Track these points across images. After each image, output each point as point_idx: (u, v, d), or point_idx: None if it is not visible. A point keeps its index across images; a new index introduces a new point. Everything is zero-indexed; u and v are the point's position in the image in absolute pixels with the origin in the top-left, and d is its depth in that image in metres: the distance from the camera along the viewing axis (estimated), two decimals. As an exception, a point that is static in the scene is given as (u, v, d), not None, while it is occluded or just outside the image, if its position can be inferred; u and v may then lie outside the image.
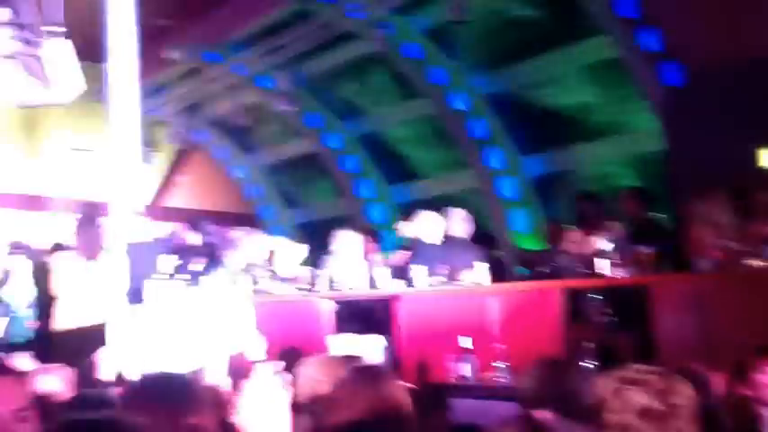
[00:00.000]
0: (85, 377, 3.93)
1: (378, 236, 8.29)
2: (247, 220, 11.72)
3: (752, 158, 7.40)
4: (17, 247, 7.21)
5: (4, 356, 5.33)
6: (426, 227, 6.52)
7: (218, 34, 11.71)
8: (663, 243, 5.10)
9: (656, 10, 8.62)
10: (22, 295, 6.88)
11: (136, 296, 6.73)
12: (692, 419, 2.04)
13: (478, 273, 5.68)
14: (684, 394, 2.07)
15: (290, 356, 4.90)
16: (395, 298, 5.82)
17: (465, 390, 4.86)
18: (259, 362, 3.94)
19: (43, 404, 2.53)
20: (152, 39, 10.46)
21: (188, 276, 6.99)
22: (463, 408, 4.66)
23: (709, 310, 4.43)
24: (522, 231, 10.10)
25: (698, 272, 4.85)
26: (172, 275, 6.99)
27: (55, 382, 3.93)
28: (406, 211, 8.77)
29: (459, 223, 6.64)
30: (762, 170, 7.29)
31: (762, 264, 4.63)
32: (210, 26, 11.72)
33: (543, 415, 2.55)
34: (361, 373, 2.79)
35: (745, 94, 7.53)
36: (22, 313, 6.93)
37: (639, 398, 2.05)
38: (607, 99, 9.57)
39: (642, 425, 2.01)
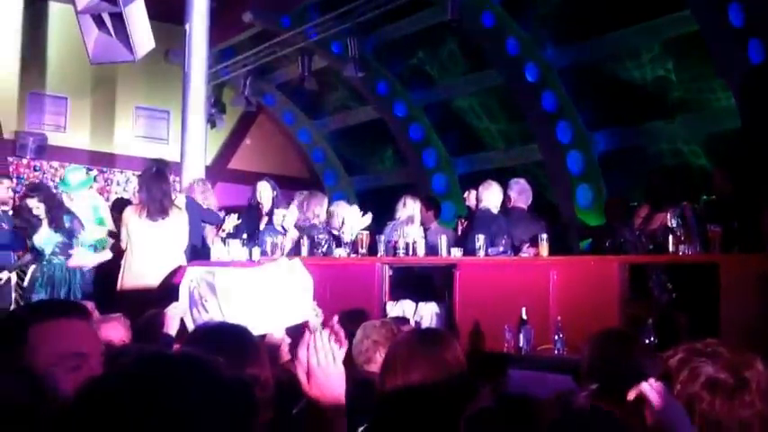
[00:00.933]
0: (148, 330, 3.98)
1: (438, 204, 8.24)
2: (309, 184, 11.76)
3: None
4: (34, 190, 7.15)
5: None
6: (489, 196, 6.44)
7: (292, -2, 11.73)
8: (738, 222, 4.93)
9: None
10: (49, 239, 6.88)
11: (198, 253, 6.85)
12: (762, 395, 1.96)
13: (539, 244, 5.58)
14: (756, 369, 1.99)
15: (350, 319, 4.92)
16: (453, 266, 5.77)
17: (519, 360, 4.80)
18: (316, 322, 3.93)
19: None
20: (225, 2, 10.54)
21: (249, 235, 7.06)
22: (517, 378, 4.60)
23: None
24: (586, 206, 9.92)
25: (769, 252, 4.69)
26: (234, 234, 7.07)
27: (115, 331, 4.01)
28: (469, 182, 8.69)
29: (521, 194, 6.54)
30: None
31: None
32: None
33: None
34: (419, 336, 2.76)
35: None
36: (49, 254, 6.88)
37: (709, 370, 1.97)
38: (685, 75, 9.27)
39: (710, 397, 1.94)
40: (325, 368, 2.01)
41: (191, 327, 3.63)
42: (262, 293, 4.01)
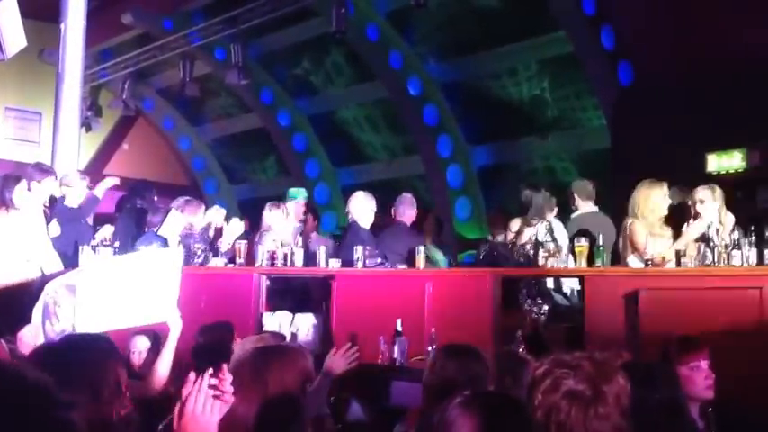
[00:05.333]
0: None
1: (318, 215, 8.23)
2: (189, 192, 11.51)
3: (697, 161, 7.51)
4: None
5: None
6: (370, 208, 6.45)
7: (175, 1, 11.47)
8: (602, 237, 5.12)
9: (611, 10, 8.69)
10: None
11: (68, 260, 6.56)
12: (618, 407, 2.02)
13: (417, 256, 5.64)
14: (617, 382, 2.06)
15: (220, 331, 4.82)
16: (331, 277, 5.75)
17: (394, 371, 4.83)
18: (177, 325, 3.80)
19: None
20: (105, 2, 10.21)
21: (119, 243, 6.83)
22: (391, 389, 4.63)
23: (637, 304, 4.47)
24: (465, 219, 10.14)
25: (631, 267, 4.90)
26: (104, 241, 6.82)
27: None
28: (352, 194, 8.71)
29: (404, 209, 6.58)
30: (707, 174, 7.40)
31: (694, 262, 4.69)
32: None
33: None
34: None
35: (692, 96, 7.63)
36: None
37: (569, 381, 2.03)
38: (559, 94, 9.63)
39: (568, 407, 2.00)
40: (199, 416, 1.88)
41: (40, 342, 3.43)
42: (126, 283, 3.85)
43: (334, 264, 5.91)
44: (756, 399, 3.68)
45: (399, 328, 5.05)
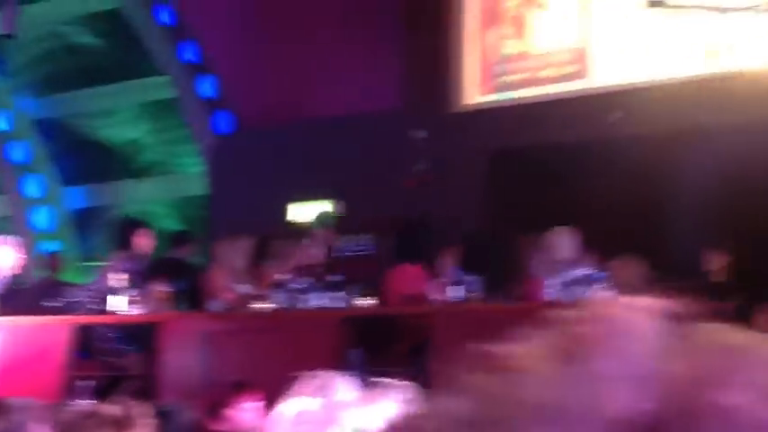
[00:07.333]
0: None
1: None
2: None
3: (281, 211, 7.94)
4: None
5: None
6: None
7: None
8: (184, 282, 5.16)
9: (213, 59, 8.93)
10: None
11: None
12: None
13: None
14: (137, 428, 2.08)
15: None
16: None
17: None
18: None
19: None
20: None
21: None
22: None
23: (214, 348, 4.56)
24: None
25: (209, 312, 4.99)
26: None
27: None
28: None
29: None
30: (288, 223, 7.86)
31: (269, 307, 4.93)
32: None
33: None
34: None
35: (281, 148, 8.07)
36: None
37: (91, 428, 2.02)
38: (158, 139, 9.60)
39: None
40: None
41: None
42: None
43: None
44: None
45: (-46, 384, 4.56)
